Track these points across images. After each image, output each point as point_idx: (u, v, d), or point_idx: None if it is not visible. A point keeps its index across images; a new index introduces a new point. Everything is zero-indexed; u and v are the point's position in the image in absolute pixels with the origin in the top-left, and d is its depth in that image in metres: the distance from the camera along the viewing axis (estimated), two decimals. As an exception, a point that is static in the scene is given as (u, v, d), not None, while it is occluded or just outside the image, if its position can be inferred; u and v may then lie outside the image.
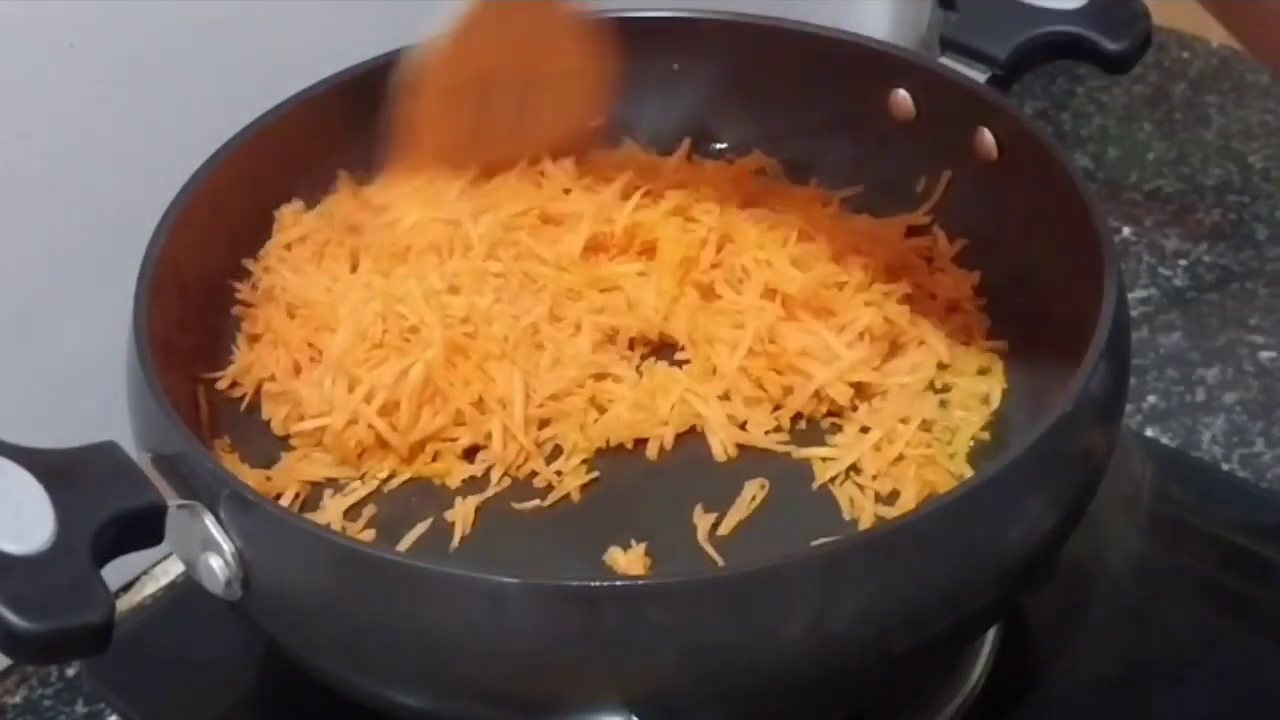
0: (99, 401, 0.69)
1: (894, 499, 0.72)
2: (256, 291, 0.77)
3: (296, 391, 0.73)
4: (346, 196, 0.80)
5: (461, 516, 0.70)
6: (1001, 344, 0.78)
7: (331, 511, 0.70)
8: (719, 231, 0.80)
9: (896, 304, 0.78)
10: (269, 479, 0.71)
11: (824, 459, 0.74)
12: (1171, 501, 0.85)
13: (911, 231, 0.82)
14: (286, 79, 0.79)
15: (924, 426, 0.74)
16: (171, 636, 0.78)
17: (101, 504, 0.59)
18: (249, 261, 0.78)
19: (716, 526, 0.70)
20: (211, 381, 0.75)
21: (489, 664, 0.60)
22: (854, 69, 0.83)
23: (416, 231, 0.77)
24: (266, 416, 0.74)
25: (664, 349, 0.78)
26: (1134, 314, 0.93)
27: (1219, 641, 0.77)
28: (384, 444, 0.72)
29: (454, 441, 0.72)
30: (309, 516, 0.69)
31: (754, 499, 0.71)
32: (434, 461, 0.72)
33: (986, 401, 0.76)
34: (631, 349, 0.78)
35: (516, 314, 0.75)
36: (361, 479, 0.72)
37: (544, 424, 0.73)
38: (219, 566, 0.61)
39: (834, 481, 0.73)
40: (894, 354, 0.77)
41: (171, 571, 0.83)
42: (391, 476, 0.72)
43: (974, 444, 0.74)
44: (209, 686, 0.77)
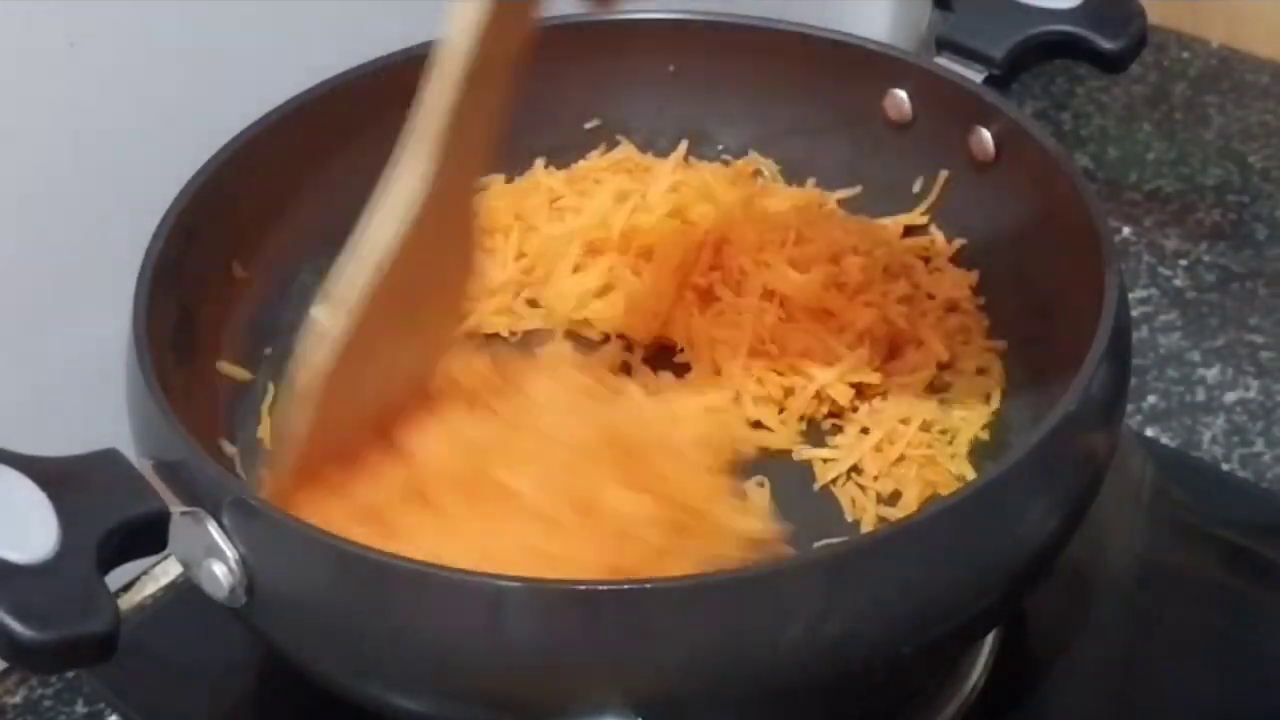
0: (100, 408, 0.69)
1: (896, 499, 0.72)
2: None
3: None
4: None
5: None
6: (1001, 344, 0.78)
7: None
8: (716, 234, 0.80)
9: (895, 304, 0.78)
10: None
11: (825, 460, 0.74)
12: (1171, 501, 0.85)
13: (909, 232, 0.82)
14: (286, 79, 0.79)
15: (924, 427, 0.74)
16: (171, 637, 0.78)
17: (104, 512, 0.59)
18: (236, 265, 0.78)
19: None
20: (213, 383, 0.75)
21: (493, 667, 0.60)
22: (851, 70, 0.83)
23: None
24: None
25: (662, 351, 0.78)
26: (1134, 314, 0.93)
27: (1219, 641, 0.77)
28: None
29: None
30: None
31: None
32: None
33: (986, 401, 0.76)
34: (630, 351, 0.78)
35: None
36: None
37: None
38: (222, 573, 0.61)
39: (835, 482, 0.73)
40: (893, 355, 0.77)
41: (171, 571, 0.83)
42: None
43: (974, 444, 0.74)
44: (209, 686, 0.77)
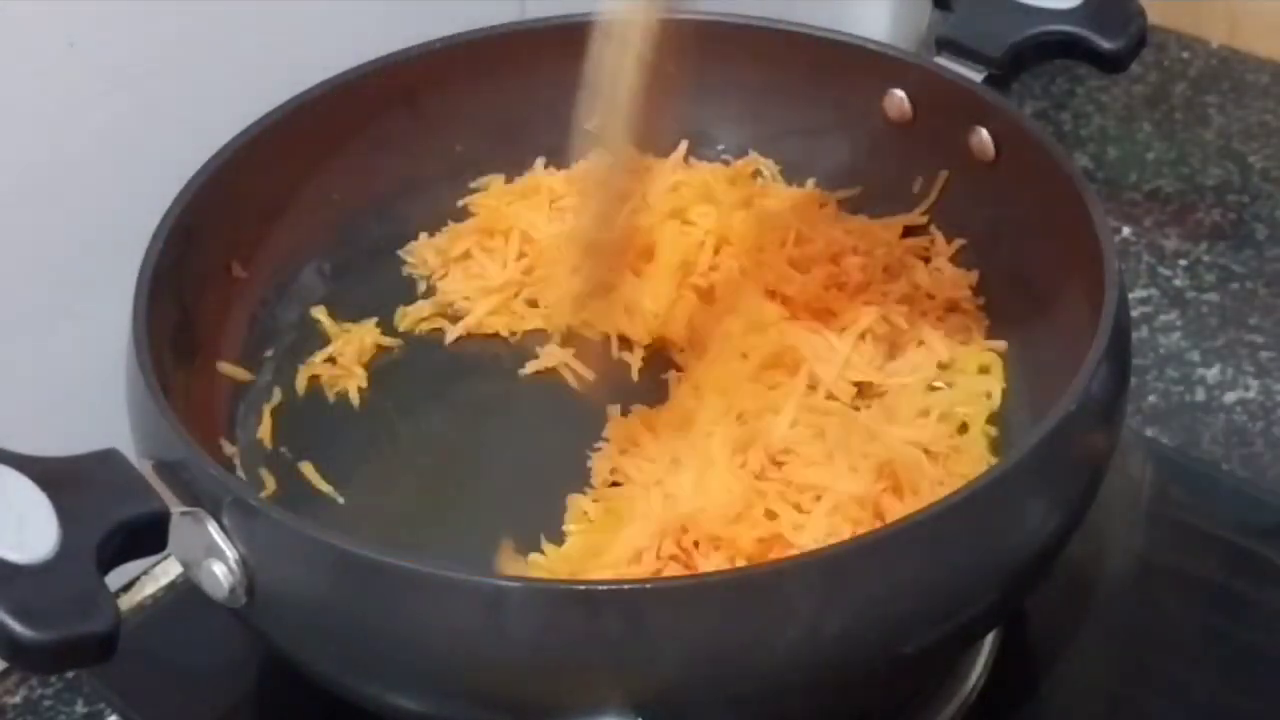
0: (100, 408, 0.69)
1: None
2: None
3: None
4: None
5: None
6: (1001, 344, 0.78)
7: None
8: (716, 234, 0.80)
9: (895, 304, 0.78)
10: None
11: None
12: (1171, 501, 0.85)
13: (908, 231, 0.82)
14: (287, 80, 0.79)
15: (941, 419, 0.74)
16: (171, 637, 0.78)
17: (105, 512, 0.59)
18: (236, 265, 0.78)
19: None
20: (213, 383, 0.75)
21: (492, 668, 0.60)
22: (850, 70, 0.83)
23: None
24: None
25: (662, 351, 0.79)
26: (1134, 314, 0.93)
27: (1219, 641, 0.77)
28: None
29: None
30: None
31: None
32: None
33: (987, 399, 0.76)
34: (630, 351, 0.79)
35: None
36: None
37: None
38: (222, 573, 0.61)
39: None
40: (893, 354, 0.77)
41: (171, 572, 0.83)
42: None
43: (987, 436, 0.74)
44: (209, 686, 0.77)
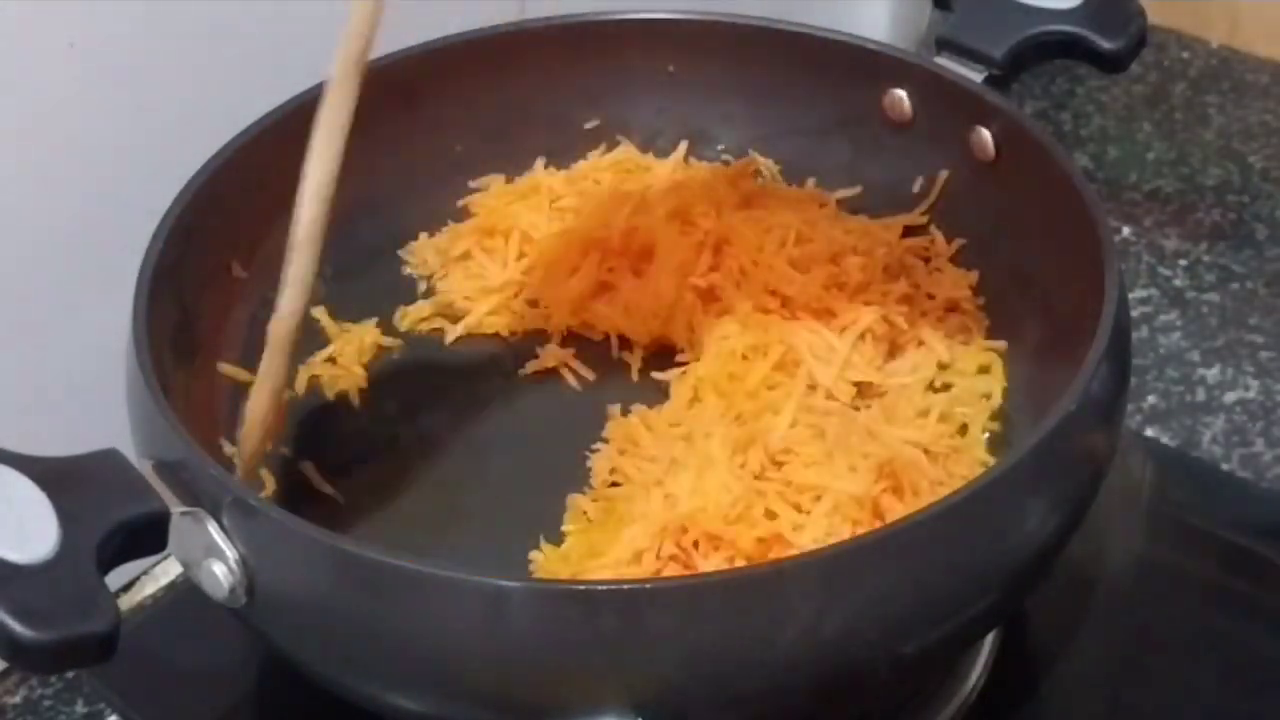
0: (100, 408, 0.69)
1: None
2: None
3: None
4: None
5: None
6: (1001, 344, 0.78)
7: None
8: (716, 234, 0.80)
9: (895, 304, 0.78)
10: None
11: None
12: (1171, 501, 0.85)
13: (908, 231, 0.82)
14: (287, 79, 0.79)
15: (941, 419, 0.74)
16: (171, 637, 0.78)
17: (105, 512, 0.59)
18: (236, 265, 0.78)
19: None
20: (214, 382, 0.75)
21: (493, 668, 0.60)
22: (850, 70, 0.83)
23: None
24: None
25: (662, 351, 0.79)
26: (1134, 314, 0.93)
27: (1219, 641, 0.77)
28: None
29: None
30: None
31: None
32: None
33: (987, 399, 0.76)
34: (630, 351, 0.79)
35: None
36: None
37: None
38: (222, 573, 0.61)
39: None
40: (893, 355, 0.77)
41: (171, 572, 0.83)
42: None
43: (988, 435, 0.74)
44: (209, 686, 0.77)
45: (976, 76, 0.80)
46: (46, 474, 0.59)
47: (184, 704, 0.76)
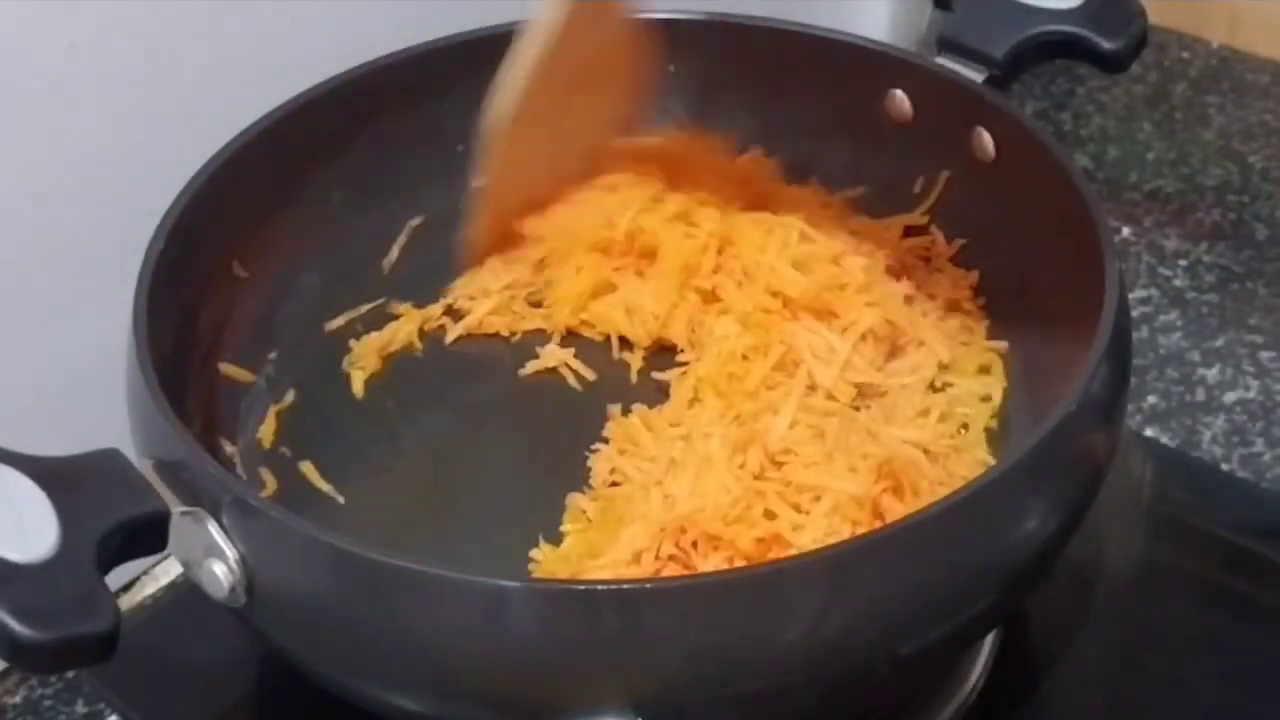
0: (100, 408, 0.69)
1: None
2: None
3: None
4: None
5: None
6: (1001, 344, 0.78)
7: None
8: (719, 236, 0.80)
9: (896, 304, 0.78)
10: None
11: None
12: (1171, 501, 0.85)
13: (909, 231, 0.82)
14: (286, 79, 0.79)
15: (941, 418, 0.74)
16: (171, 637, 0.78)
17: (105, 511, 0.59)
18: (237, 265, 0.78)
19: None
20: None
21: (492, 668, 0.60)
22: (851, 69, 0.83)
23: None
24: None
25: (662, 352, 0.79)
26: (1134, 314, 0.93)
27: (1219, 641, 0.77)
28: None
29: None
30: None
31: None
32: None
33: (988, 400, 0.76)
34: (631, 352, 0.79)
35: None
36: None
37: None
38: (222, 573, 0.61)
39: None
40: (893, 355, 0.77)
41: (171, 571, 0.83)
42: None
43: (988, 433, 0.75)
44: (209, 686, 0.77)
45: (977, 77, 0.80)
46: (46, 473, 0.59)
47: (184, 704, 0.76)
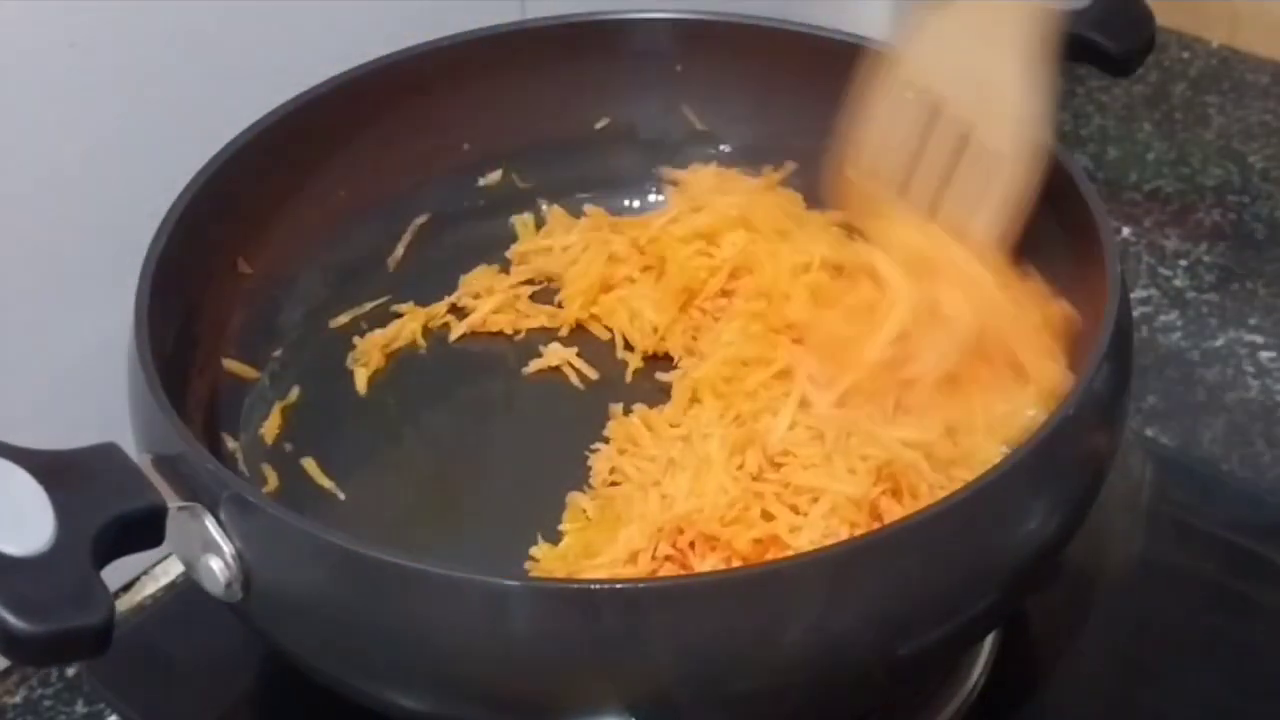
0: (99, 402, 0.69)
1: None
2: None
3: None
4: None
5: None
6: (1001, 344, 0.78)
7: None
8: (736, 264, 0.79)
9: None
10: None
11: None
12: (1171, 501, 0.85)
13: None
14: (287, 79, 0.79)
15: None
16: (171, 636, 0.78)
17: (102, 505, 0.59)
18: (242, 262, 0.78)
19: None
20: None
21: (490, 666, 0.60)
22: (851, 70, 0.83)
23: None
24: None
25: (663, 352, 0.79)
26: (1134, 314, 0.93)
27: (1219, 641, 0.77)
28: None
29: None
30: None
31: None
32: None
33: (987, 401, 0.76)
34: (633, 351, 0.79)
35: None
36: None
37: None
38: (219, 568, 0.61)
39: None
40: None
41: (171, 571, 0.83)
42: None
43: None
44: (209, 686, 0.77)
45: (981, 77, 0.80)
46: (44, 467, 0.59)
47: (184, 703, 0.76)
